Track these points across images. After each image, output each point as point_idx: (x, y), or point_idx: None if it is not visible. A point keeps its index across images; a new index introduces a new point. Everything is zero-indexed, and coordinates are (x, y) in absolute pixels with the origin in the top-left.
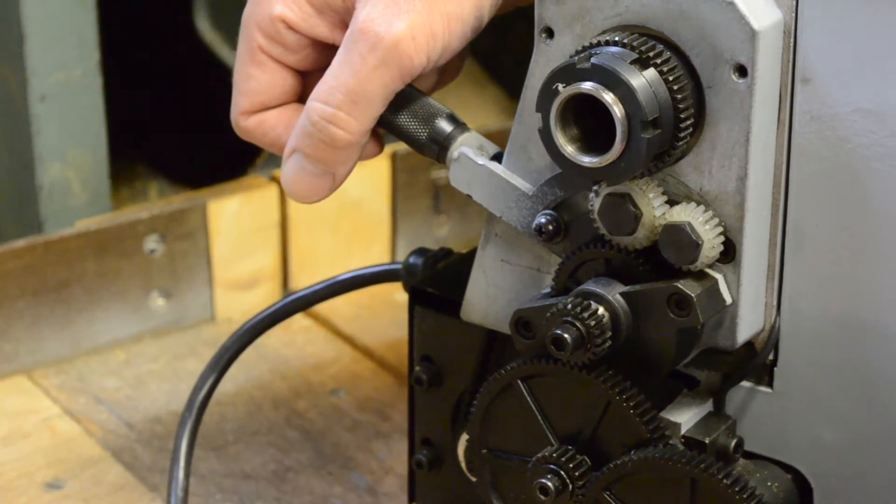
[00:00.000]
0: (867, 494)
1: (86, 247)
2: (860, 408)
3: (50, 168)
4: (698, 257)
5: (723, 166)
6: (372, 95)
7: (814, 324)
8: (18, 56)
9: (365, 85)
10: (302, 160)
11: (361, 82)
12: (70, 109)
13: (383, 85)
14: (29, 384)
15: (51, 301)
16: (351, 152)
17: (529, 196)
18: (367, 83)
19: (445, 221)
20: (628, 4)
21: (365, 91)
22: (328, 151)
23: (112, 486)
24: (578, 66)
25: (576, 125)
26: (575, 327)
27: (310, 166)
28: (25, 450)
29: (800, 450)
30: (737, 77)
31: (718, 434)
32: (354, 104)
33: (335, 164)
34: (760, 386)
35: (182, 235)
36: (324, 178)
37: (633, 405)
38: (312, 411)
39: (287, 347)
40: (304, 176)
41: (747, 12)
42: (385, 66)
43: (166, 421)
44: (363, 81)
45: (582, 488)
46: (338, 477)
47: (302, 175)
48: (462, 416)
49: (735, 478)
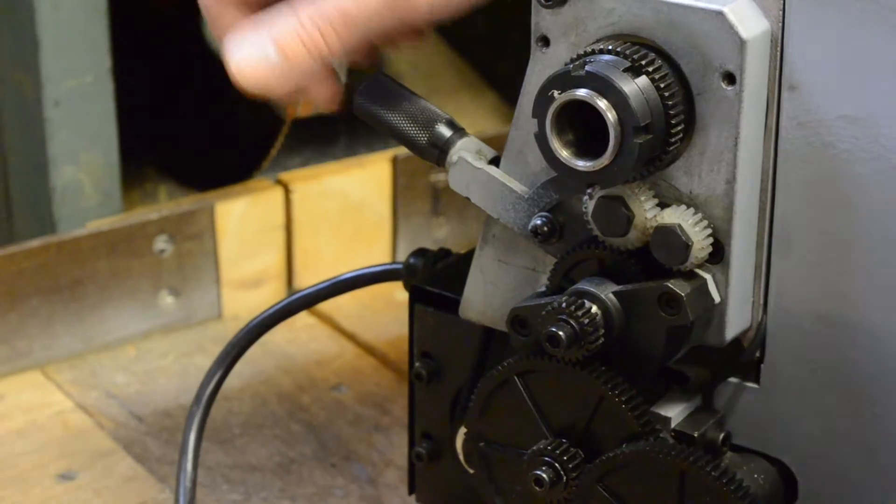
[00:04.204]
0: (849, 485)
1: (98, 247)
2: (843, 403)
3: (63, 171)
4: (688, 258)
5: (712, 170)
6: (365, 22)
7: (799, 322)
8: (33, 63)
9: (362, 10)
10: (272, 52)
11: (359, 6)
12: (82, 114)
13: (379, 17)
14: (43, 379)
15: (64, 299)
16: (321, 73)
17: (526, 199)
18: (364, 8)
19: (444, 223)
20: (621, 14)
21: (360, 16)
22: (303, 60)
23: (123, 478)
24: (573, 74)
25: (570, 130)
26: (569, 325)
27: (277, 63)
28: (39, 442)
29: (785, 443)
30: (726, 84)
31: (707, 428)
32: (346, 26)
33: (299, 74)
34: (747, 382)
35: (190, 236)
36: (283, 78)
37: (625, 400)
38: (316, 405)
39: (291, 344)
40: (267, 66)
41: (736, 22)
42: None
43: (175, 414)
44: (361, 6)
45: (575, 480)
46: (340, 469)
47: (265, 64)
48: (460, 410)
49: (723, 470)
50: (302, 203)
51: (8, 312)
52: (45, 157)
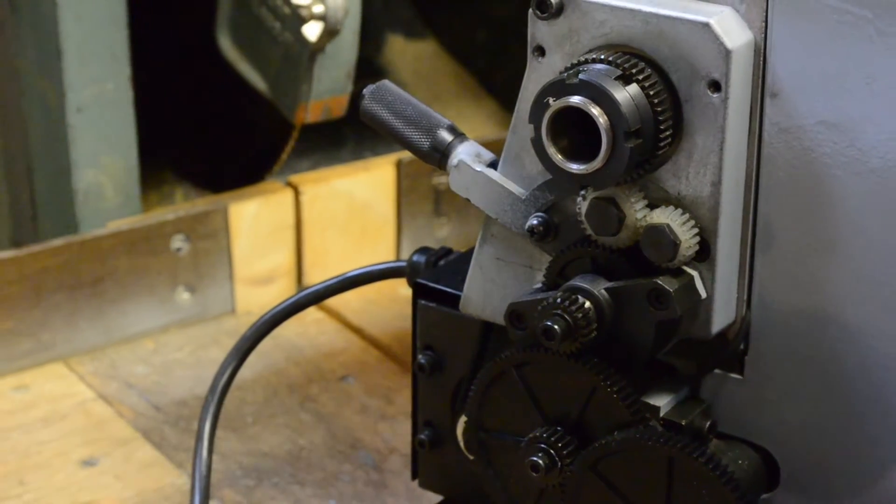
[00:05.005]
0: (828, 471)
1: (118, 246)
2: (822, 393)
3: (85, 174)
4: (676, 256)
5: (698, 173)
6: None
7: (781, 316)
8: (57, 71)
9: None
10: None
11: None
12: (103, 120)
13: None
14: (66, 371)
15: (86, 295)
16: None
17: (522, 200)
18: None
19: (446, 223)
20: (613, 26)
21: None
22: None
23: (142, 464)
24: (567, 82)
25: (565, 135)
26: (563, 319)
27: None
28: (63, 430)
29: (768, 431)
30: (711, 92)
31: (694, 417)
32: None
33: None
34: (732, 373)
35: (205, 235)
36: None
37: (617, 390)
38: (324, 396)
39: (301, 338)
40: None
41: (721, 33)
42: None
43: (191, 404)
44: None
45: (569, 465)
46: (347, 455)
47: None
48: (461, 400)
49: (709, 456)
50: (311, 204)
51: (33, 308)
52: (67, 161)
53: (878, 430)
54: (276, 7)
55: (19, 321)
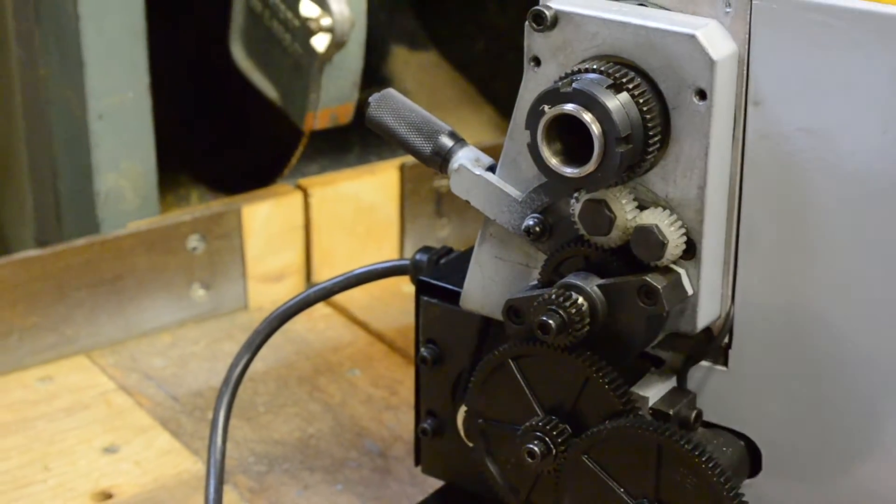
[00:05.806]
0: (807, 457)
1: (137, 245)
2: (802, 384)
3: (106, 177)
4: (664, 255)
5: (685, 177)
6: None
7: (763, 312)
8: (79, 80)
9: None
10: None
11: None
12: (123, 127)
13: None
14: (88, 363)
15: (106, 292)
16: None
17: (519, 202)
18: None
19: (447, 224)
20: (605, 38)
21: None
22: None
23: (160, 451)
24: (562, 90)
25: (559, 141)
26: (558, 314)
27: None
28: (85, 419)
29: (750, 420)
30: (697, 100)
31: (681, 406)
32: None
33: None
34: (717, 365)
35: (220, 235)
36: None
37: (608, 381)
38: (332, 387)
39: (310, 332)
40: None
41: (707, 45)
42: None
43: (206, 395)
44: None
45: (564, 452)
46: (354, 443)
47: None
48: (461, 390)
49: (695, 444)
50: (319, 206)
51: (57, 304)
52: (90, 165)
53: (852, 420)
54: (286, 20)
55: (44, 316)
